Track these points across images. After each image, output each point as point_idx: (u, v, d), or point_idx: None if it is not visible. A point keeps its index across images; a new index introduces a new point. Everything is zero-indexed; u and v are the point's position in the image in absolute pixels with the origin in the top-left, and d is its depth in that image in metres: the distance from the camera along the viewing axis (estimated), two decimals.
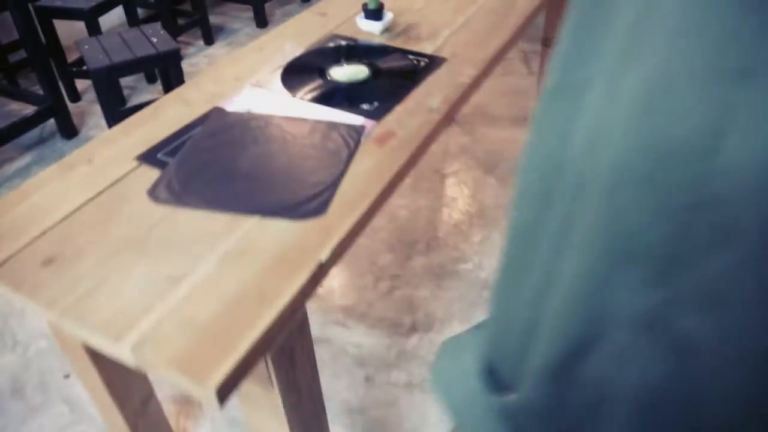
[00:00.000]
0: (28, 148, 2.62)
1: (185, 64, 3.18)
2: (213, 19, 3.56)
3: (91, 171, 1.05)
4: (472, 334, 0.52)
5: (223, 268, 0.85)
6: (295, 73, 1.30)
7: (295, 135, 1.11)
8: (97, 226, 0.93)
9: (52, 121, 2.63)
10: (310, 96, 1.23)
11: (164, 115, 1.19)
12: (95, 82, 2.12)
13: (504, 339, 0.44)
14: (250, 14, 3.60)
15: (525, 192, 0.41)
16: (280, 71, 1.31)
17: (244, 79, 1.30)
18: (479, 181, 2.28)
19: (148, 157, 1.07)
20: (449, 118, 1.19)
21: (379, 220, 2.14)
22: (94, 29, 2.65)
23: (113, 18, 3.38)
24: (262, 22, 3.53)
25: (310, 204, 0.95)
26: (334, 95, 1.23)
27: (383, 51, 1.38)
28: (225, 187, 0.99)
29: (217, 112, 1.18)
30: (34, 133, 2.66)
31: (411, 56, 1.35)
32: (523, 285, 0.41)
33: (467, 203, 2.18)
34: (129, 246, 0.89)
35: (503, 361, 0.44)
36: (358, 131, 1.12)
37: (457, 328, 1.75)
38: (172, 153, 1.08)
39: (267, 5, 3.59)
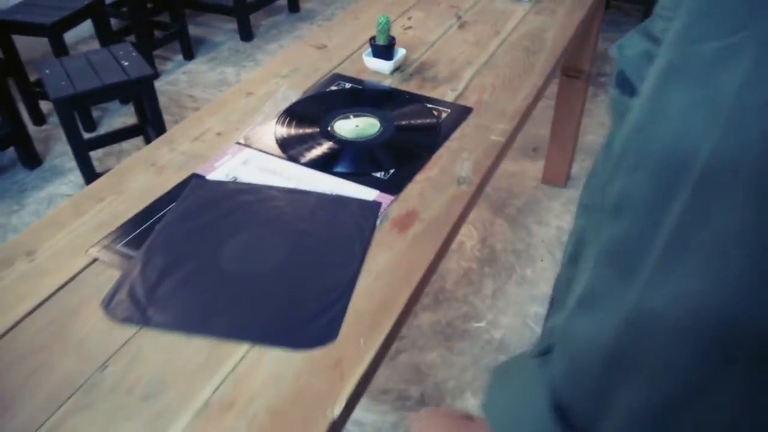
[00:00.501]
0: None
1: (162, 82, 2.93)
2: (193, 31, 3.31)
3: (32, 269, 0.81)
4: (536, 364, 0.43)
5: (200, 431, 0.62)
6: (290, 127, 1.07)
7: (293, 216, 0.88)
8: (34, 359, 0.70)
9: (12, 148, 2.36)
10: (309, 158, 1.00)
11: (128, 185, 0.95)
12: (58, 111, 1.87)
13: (581, 375, 0.37)
14: (234, 26, 3.34)
15: (628, 194, 0.34)
16: (272, 123, 1.08)
17: (228, 135, 1.06)
18: (488, 222, 2.07)
19: (106, 249, 0.84)
20: (482, 189, 0.98)
21: None
22: (59, 46, 2.39)
23: (83, 30, 3.12)
24: (246, 35, 3.28)
25: (315, 324, 0.72)
26: (339, 157, 1.00)
27: (396, 98, 1.15)
28: (204, 296, 0.76)
29: (195, 183, 0.94)
30: None
31: (430, 105, 1.13)
32: (612, 308, 0.34)
33: (476, 248, 1.97)
34: (75, 394, 0.66)
35: (579, 400, 0.37)
36: (372, 210, 0.90)
37: (471, 401, 1.54)
38: (137, 243, 0.84)
39: (252, 16, 3.34)
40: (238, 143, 1.04)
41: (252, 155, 1.01)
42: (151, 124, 2.07)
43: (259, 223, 0.87)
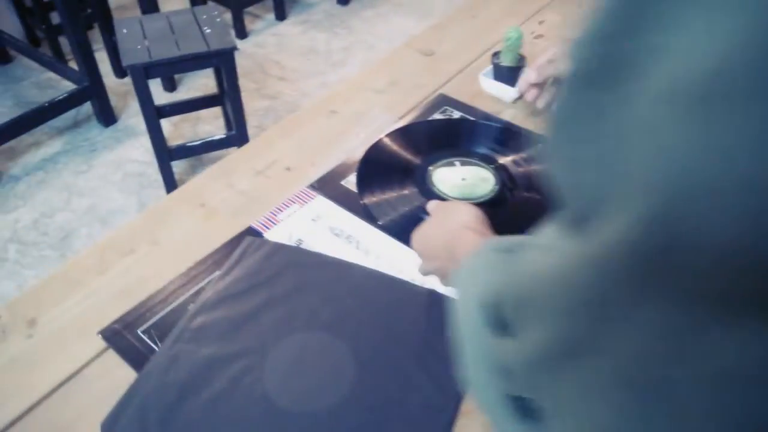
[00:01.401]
0: (60, 131, 2.26)
1: (250, 44, 2.74)
2: None
3: (26, 351, 0.63)
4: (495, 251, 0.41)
5: None
6: (378, 172, 0.84)
7: (371, 318, 0.66)
8: None
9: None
10: (396, 222, 0.76)
11: (168, 230, 0.75)
12: (132, 76, 1.71)
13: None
14: None
15: None
16: (356, 162, 0.85)
17: (300, 171, 0.84)
18: None
19: (122, 334, 0.64)
20: None
21: None
22: None
23: None
24: None
25: None
26: None
27: (518, 141, 0.89)
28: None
29: (248, 244, 0.73)
30: (69, 114, 2.29)
31: None
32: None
33: None
34: None
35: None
36: None
37: None
38: (163, 329, 0.64)
39: None
40: (311, 186, 0.81)
41: (325, 208, 0.78)
42: (228, 97, 1.88)
43: (323, 323, 0.65)
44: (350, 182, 0.82)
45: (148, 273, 0.70)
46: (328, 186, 0.82)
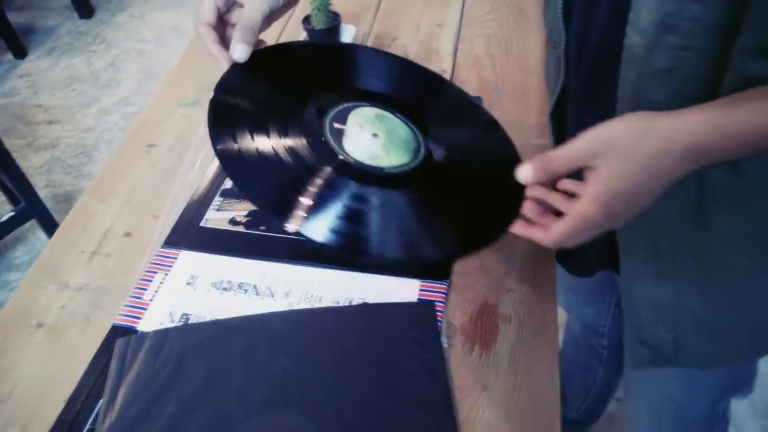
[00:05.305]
0: None
1: None
2: (15, 19, 2.63)
3: None
4: None
5: None
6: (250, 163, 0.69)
7: (320, 362, 0.54)
8: None
9: None
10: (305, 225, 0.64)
11: (10, 378, 0.56)
12: None
13: None
14: (66, 1, 2.69)
15: None
16: (209, 190, 0.70)
17: (144, 233, 0.67)
18: None
19: None
20: None
21: None
22: None
23: None
24: (84, 9, 2.64)
25: None
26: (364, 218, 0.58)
27: (424, 81, 0.68)
28: None
29: (124, 347, 0.56)
30: None
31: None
32: None
33: None
34: None
35: None
36: (426, 322, 0.57)
37: None
38: None
39: None
40: (168, 244, 0.65)
41: (196, 263, 0.63)
42: (16, 188, 1.57)
43: (260, 403, 0.52)
44: (211, 219, 0.67)
45: None
46: (187, 236, 0.66)
